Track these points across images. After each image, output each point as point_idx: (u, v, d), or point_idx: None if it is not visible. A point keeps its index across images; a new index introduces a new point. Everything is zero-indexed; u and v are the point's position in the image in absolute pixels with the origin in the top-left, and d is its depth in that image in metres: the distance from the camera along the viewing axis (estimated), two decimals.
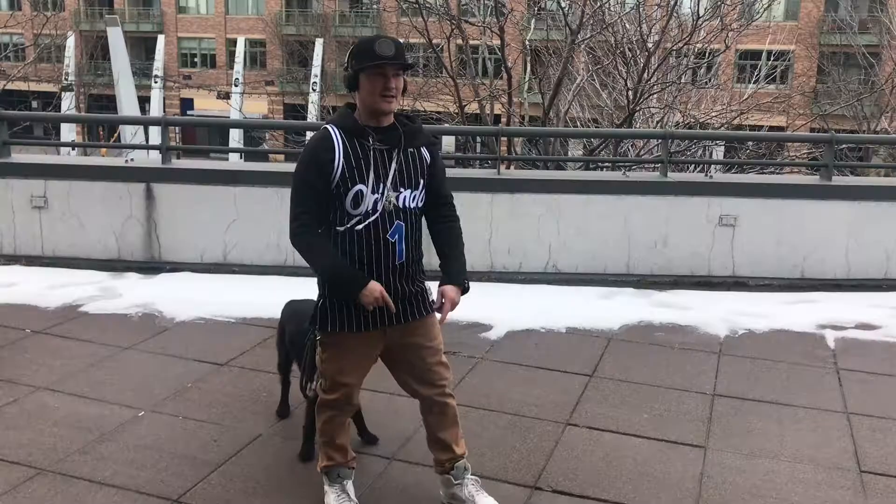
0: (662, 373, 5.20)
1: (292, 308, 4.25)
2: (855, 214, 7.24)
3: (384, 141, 3.19)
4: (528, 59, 15.66)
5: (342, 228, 3.22)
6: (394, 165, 3.20)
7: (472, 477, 3.53)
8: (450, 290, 3.33)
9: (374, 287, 3.17)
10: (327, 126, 3.23)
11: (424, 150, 3.31)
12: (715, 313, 6.27)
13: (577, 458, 4.06)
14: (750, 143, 14.70)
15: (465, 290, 3.38)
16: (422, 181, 3.27)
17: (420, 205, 3.29)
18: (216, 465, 3.89)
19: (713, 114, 14.89)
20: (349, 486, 3.53)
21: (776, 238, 7.21)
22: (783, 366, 5.35)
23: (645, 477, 3.89)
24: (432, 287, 3.42)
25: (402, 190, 3.22)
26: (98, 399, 4.59)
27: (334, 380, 3.36)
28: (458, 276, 3.36)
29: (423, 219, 3.40)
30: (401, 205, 3.21)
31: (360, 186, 3.15)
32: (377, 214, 3.19)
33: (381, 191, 3.18)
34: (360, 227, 3.19)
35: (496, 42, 13.15)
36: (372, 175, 3.16)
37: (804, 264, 7.25)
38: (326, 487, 3.52)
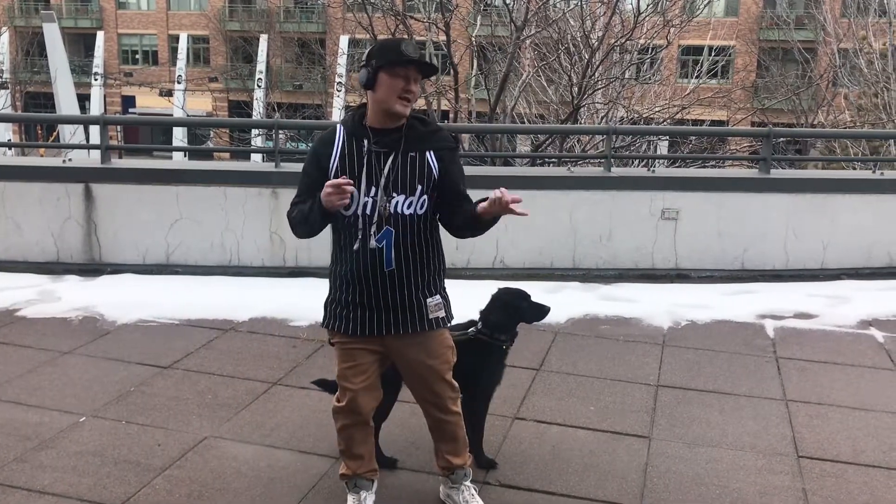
0: (608, 365, 5.28)
1: None
2: (793, 206, 7.43)
3: (382, 144, 3.11)
4: (475, 55, 15.69)
5: (336, 231, 3.21)
6: (387, 170, 3.10)
7: (471, 484, 3.56)
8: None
9: (324, 190, 2.97)
10: (338, 124, 3.24)
11: (430, 155, 3.17)
12: (658, 305, 6.39)
13: (524, 451, 4.10)
14: (692, 137, 14.98)
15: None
16: (420, 187, 3.13)
17: (420, 211, 3.16)
18: (160, 470, 3.83)
19: (656, 109, 15.13)
20: (367, 497, 3.44)
21: (717, 230, 7.37)
22: (724, 355, 5.47)
23: (591, 468, 3.94)
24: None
25: (394, 195, 3.11)
26: (37, 405, 4.47)
27: (340, 384, 3.30)
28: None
29: (444, 225, 3.26)
30: (392, 210, 3.11)
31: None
32: (365, 218, 3.12)
33: (371, 194, 3.10)
34: (349, 229, 3.15)
35: (442, 38, 13.17)
36: (364, 178, 3.10)
37: (744, 256, 7.43)
38: (347, 495, 3.47)
